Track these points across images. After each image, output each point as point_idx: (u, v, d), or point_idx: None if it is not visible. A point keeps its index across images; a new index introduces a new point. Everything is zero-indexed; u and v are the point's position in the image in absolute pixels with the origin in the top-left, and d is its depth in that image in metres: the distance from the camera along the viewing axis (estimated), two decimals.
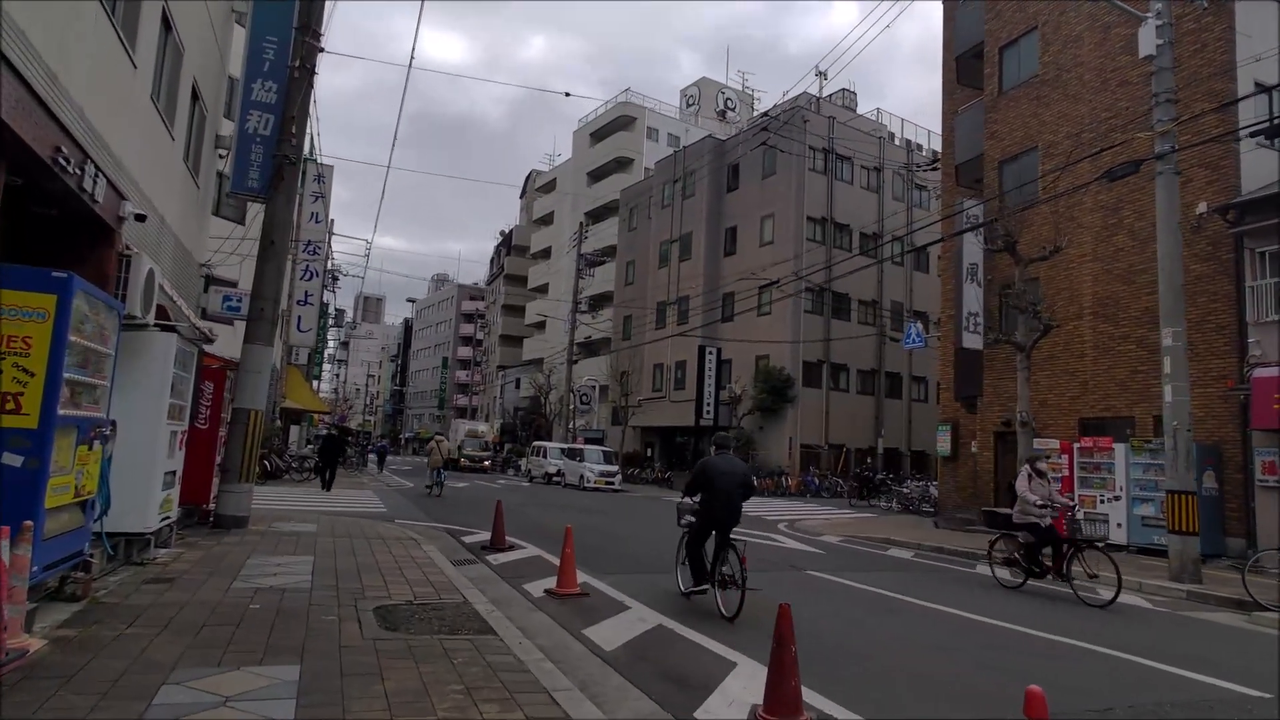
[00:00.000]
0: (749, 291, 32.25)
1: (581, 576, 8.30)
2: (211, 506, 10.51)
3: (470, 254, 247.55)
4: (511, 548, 11.12)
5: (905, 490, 24.70)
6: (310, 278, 25.99)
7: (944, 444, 22.07)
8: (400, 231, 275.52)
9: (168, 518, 8.07)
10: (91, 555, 6.11)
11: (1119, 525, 14.38)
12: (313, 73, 11.56)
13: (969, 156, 20.61)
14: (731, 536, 7.24)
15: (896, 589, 9.35)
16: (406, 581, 7.39)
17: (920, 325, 28.60)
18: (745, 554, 6.99)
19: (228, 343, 13.72)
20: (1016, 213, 14.61)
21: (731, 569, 7.00)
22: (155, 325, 7.42)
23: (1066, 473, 15.39)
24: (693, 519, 7.54)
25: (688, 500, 7.72)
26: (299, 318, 26.00)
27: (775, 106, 37.37)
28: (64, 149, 5.54)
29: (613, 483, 30.00)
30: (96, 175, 6.21)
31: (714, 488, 7.24)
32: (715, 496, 7.23)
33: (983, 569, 11.07)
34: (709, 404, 33.38)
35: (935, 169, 27.74)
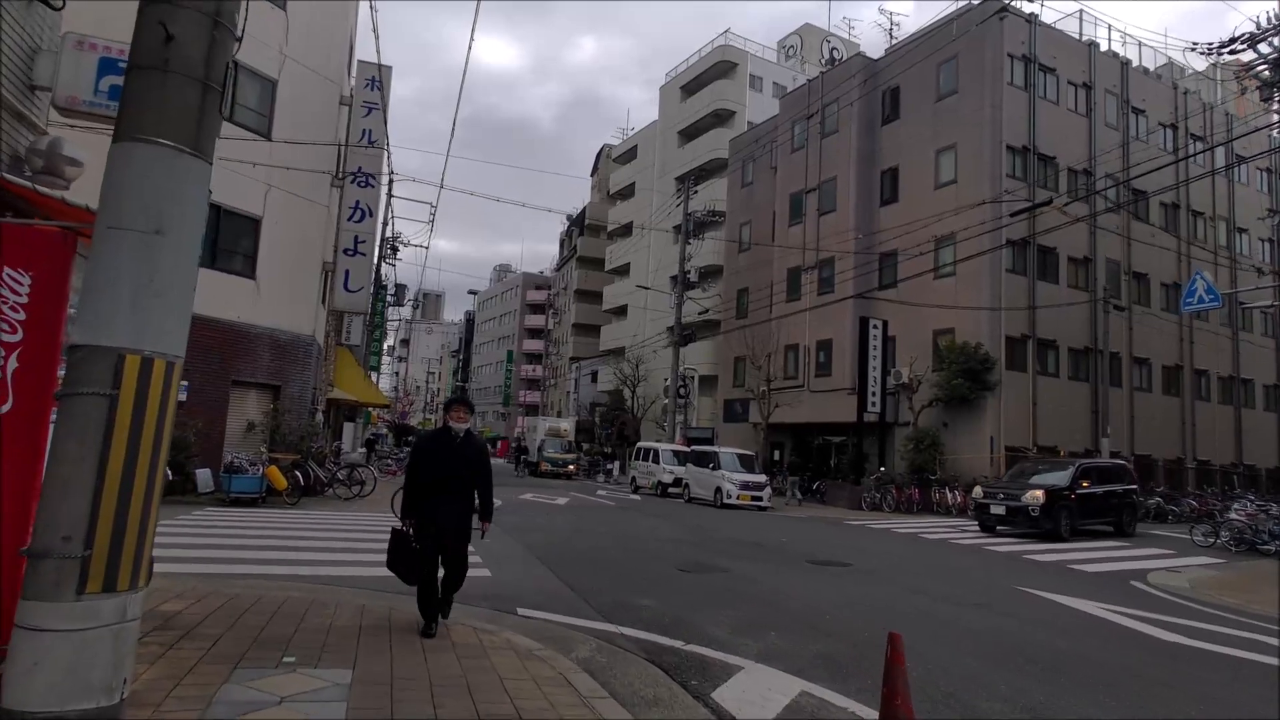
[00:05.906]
0: (919, 248, 24.21)
1: None
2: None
3: (530, 254, 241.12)
4: None
5: (1235, 518, 16.43)
6: (361, 218, 18.84)
7: None
8: (456, 235, 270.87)
9: None
10: None
11: None
12: None
13: None
14: None
15: None
16: None
17: (1209, 277, 20.21)
18: None
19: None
20: None
21: None
22: None
23: None
24: None
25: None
26: (346, 272, 18.81)
27: (923, 30, 29.20)
28: None
29: (760, 498, 22.34)
30: None
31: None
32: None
33: None
34: (874, 393, 25.42)
35: (1237, 47, 19.25)
